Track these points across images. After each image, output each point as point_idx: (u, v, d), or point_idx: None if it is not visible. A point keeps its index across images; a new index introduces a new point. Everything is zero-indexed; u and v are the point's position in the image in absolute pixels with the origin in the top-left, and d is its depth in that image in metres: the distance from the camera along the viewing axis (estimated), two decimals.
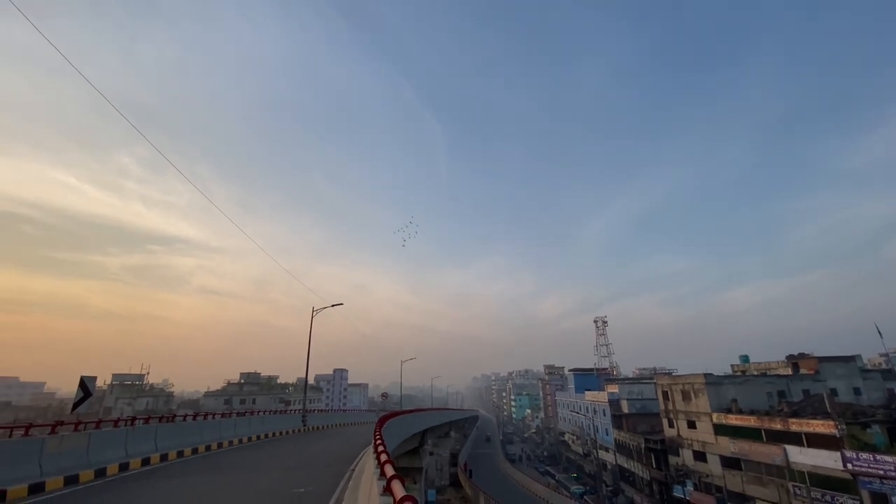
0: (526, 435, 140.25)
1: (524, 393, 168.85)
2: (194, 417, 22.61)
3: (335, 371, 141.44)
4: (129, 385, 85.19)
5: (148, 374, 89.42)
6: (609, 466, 65.13)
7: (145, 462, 15.56)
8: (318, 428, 36.14)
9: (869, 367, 57.28)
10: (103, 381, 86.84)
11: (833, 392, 40.69)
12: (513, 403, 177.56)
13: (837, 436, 30.48)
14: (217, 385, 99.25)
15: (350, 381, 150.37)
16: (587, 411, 75.57)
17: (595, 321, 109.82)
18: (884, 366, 69.75)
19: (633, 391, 65.34)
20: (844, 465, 29.24)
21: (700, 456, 43.44)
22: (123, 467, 14.46)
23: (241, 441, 23.27)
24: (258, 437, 25.48)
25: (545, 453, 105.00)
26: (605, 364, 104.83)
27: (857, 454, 28.75)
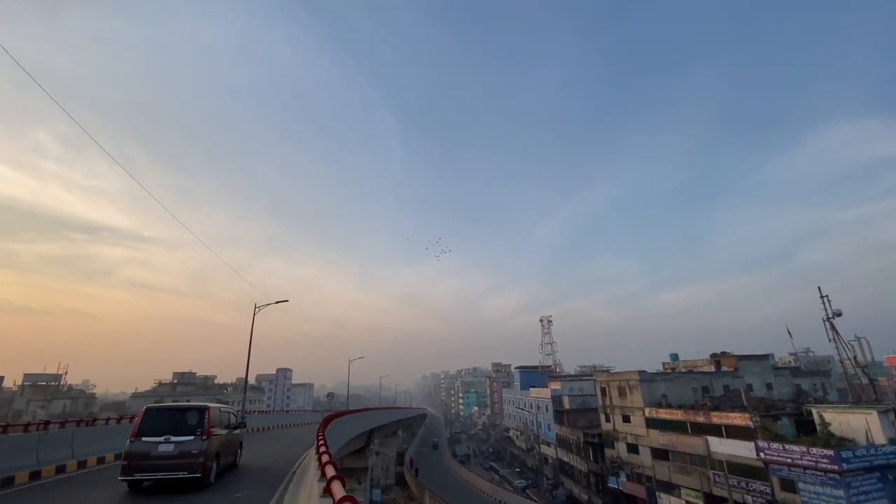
0: (472, 432, 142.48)
1: (472, 391, 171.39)
2: (118, 420, 20.89)
3: (278, 371, 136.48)
4: (44, 386, 77.67)
5: (66, 374, 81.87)
6: (550, 460, 67.61)
7: (60, 470, 14.13)
8: (258, 430, 34.62)
9: (780, 364, 63.41)
10: (13, 381, 78.66)
11: (749, 387, 44.58)
12: (461, 401, 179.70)
13: (752, 427, 33.48)
14: (147, 386, 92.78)
15: (294, 381, 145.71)
16: (531, 407, 77.99)
17: (541, 320, 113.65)
18: (793, 364, 77.58)
19: (575, 388, 68.24)
20: (758, 454, 32.16)
21: (633, 448, 46.14)
22: (34, 476, 13.06)
23: None
24: None
25: (490, 450, 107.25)
26: (550, 362, 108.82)
27: (768, 444, 31.71)
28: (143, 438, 10.88)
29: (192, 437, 11.08)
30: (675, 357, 63.09)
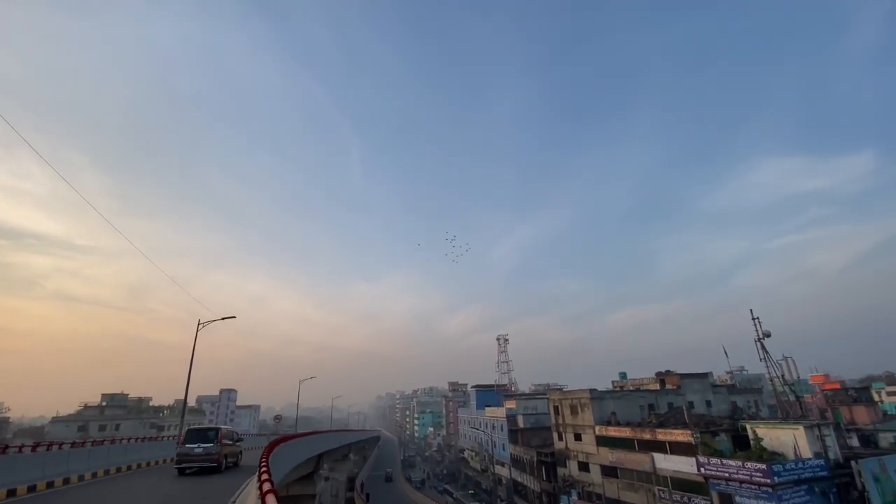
0: (427, 454, 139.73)
1: (428, 411, 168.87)
2: (34, 448, 18.73)
3: (222, 392, 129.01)
4: None
5: None
6: (504, 481, 67.37)
7: None
8: None
9: (718, 382, 67.19)
10: None
11: (690, 405, 46.89)
12: (416, 422, 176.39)
13: (693, 443, 35.07)
14: (71, 409, 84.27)
15: (239, 403, 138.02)
16: (486, 427, 77.79)
17: (498, 339, 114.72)
18: (729, 381, 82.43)
19: (529, 406, 68.90)
20: (698, 470, 33.62)
21: (584, 466, 46.94)
22: None
23: (95, 475, 19.80)
24: (119, 470, 21.91)
25: (445, 471, 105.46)
26: (506, 381, 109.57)
27: (707, 459, 33.26)
28: (186, 445, 20.04)
29: (211, 444, 20.14)
30: (623, 375, 65.36)
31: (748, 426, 35.32)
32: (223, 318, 31.46)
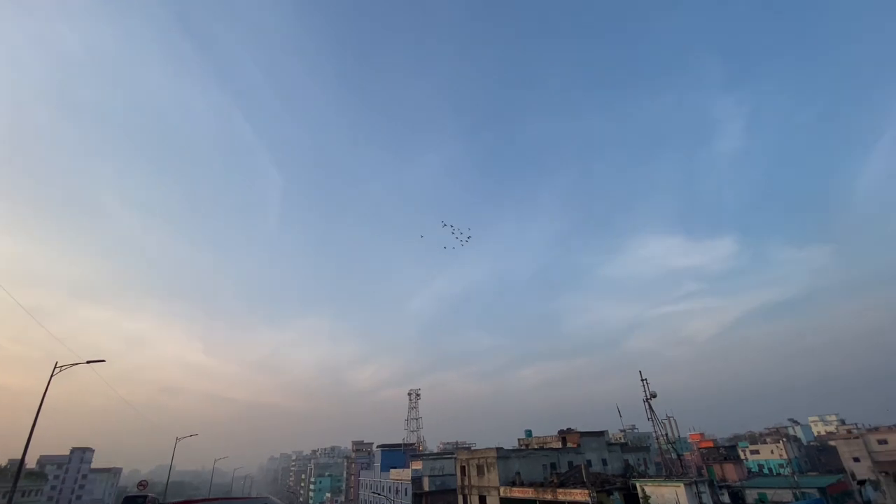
0: None
1: (327, 474, 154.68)
2: None
3: (73, 451, 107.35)
4: None
5: None
6: None
7: None
8: None
9: (613, 440, 71.04)
10: None
11: (588, 463, 48.63)
12: (312, 486, 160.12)
13: (590, 503, 36.00)
14: None
15: (96, 465, 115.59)
16: (389, 492, 73.00)
17: (409, 393, 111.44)
18: (622, 439, 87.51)
19: (436, 467, 66.39)
20: None
21: None
22: None
23: None
24: None
25: None
26: (415, 438, 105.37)
27: None
28: None
29: None
30: (529, 433, 66.39)
31: (638, 484, 37.33)
32: (88, 362, 26.92)
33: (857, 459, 77.67)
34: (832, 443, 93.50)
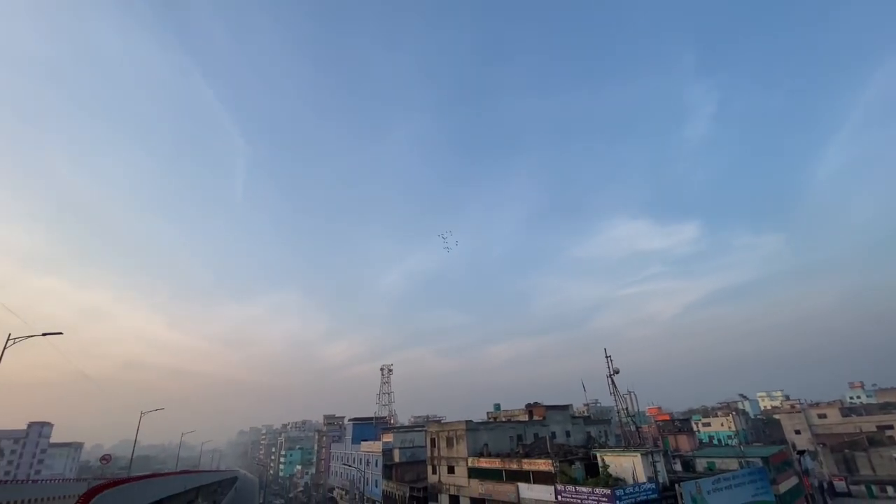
0: (291, 495, 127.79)
1: (297, 447, 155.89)
2: None
3: (31, 425, 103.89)
4: None
5: None
6: None
7: None
8: None
9: (577, 414, 74.12)
10: None
11: (553, 435, 50.70)
12: (282, 459, 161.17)
13: (553, 472, 37.75)
14: None
15: (55, 440, 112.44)
16: (360, 463, 74.31)
17: (381, 369, 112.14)
18: (586, 413, 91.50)
19: (406, 439, 67.82)
20: (556, 497, 36.09)
21: (455, 500, 47.22)
22: None
23: None
24: None
25: None
26: (386, 413, 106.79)
27: (564, 487, 35.96)
28: None
29: None
30: (497, 407, 68.48)
31: (598, 454, 39.29)
32: (44, 335, 25.80)
33: (798, 432, 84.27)
34: (777, 416, 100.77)
